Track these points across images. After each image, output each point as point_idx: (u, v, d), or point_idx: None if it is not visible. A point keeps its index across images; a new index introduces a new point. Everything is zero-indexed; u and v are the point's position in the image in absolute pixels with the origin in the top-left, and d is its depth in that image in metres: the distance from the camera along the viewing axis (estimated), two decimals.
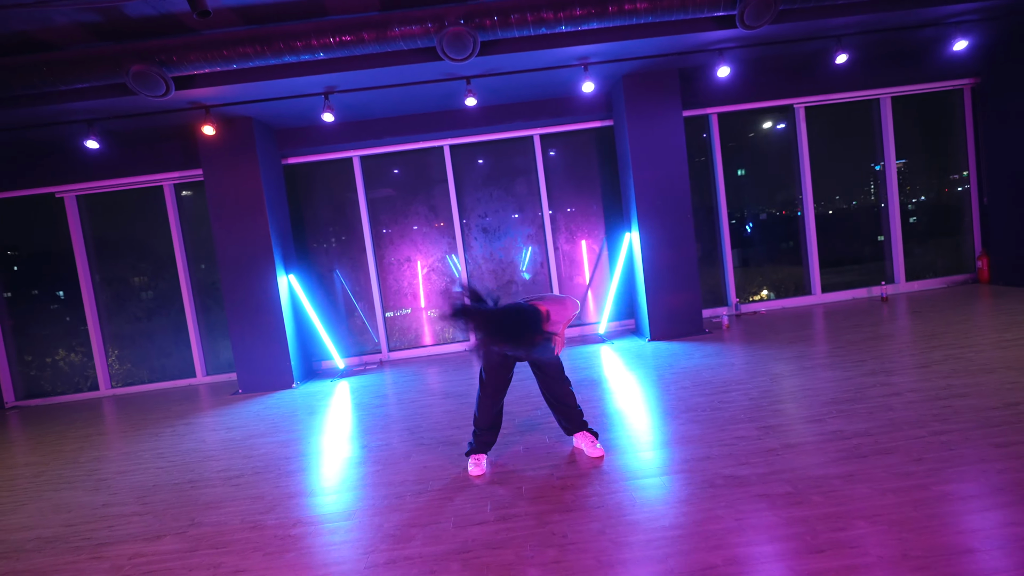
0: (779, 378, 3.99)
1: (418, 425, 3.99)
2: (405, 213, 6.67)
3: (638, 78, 5.60)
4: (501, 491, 2.74)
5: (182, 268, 6.46)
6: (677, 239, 5.75)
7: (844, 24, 4.96)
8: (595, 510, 2.44)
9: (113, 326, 6.60)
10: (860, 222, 7.02)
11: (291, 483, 3.21)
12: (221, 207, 5.56)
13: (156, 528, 2.82)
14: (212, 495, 3.17)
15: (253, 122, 5.49)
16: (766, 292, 6.91)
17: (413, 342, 6.77)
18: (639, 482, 2.66)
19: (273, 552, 2.43)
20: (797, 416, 3.23)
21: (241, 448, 3.96)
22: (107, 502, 3.26)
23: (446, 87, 5.22)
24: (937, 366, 3.81)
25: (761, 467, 2.64)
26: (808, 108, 6.62)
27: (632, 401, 3.96)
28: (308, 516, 2.75)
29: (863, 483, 2.37)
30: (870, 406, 3.23)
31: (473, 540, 2.31)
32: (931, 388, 3.40)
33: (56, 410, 6.07)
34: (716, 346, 5.23)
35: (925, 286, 6.83)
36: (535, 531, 2.32)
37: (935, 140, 6.93)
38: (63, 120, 4.90)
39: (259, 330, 5.65)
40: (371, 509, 2.73)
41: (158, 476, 3.59)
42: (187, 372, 6.62)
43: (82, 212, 6.41)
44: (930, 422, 2.91)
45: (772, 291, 6.91)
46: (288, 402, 5.17)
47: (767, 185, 6.92)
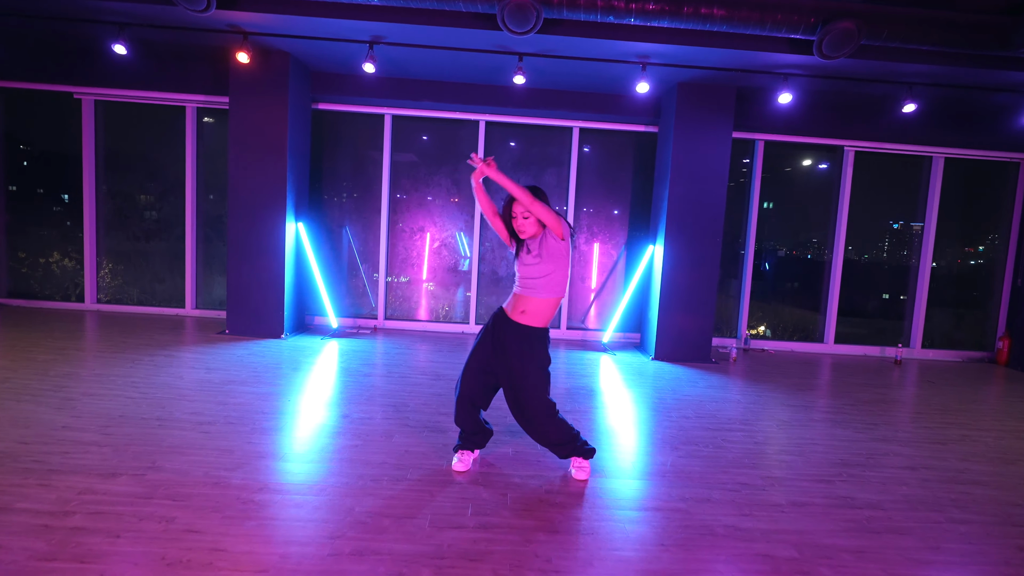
0: (786, 426, 3.81)
1: (405, 403, 3.81)
2: (427, 182, 6.43)
3: (694, 88, 5.35)
4: (485, 495, 2.55)
5: (190, 195, 6.23)
6: (701, 260, 5.53)
7: (919, 72, 4.71)
8: (583, 536, 2.26)
9: (110, 240, 6.39)
10: (885, 277, 6.82)
11: (264, 441, 3.02)
12: (242, 140, 5.32)
13: (113, 464, 2.64)
14: (179, 439, 2.98)
15: (290, 58, 5.24)
16: (763, 328, 6.71)
17: (411, 314, 6.58)
18: (632, 514, 2.47)
19: (233, 516, 2.25)
20: (804, 472, 3.04)
21: (218, 393, 3.77)
22: (68, 424, 3.07)
23: (496, 60, 4.97)
24: (954, 444, 3.62)
25: (765, 522, 2.46)
26: (858, 152, 6.37)
27: (628, 421, 3.78)
28: (276, 482, 2.56)
29: (875, 562, 2.18)
30: (882, 476, 3.05)
31: (449, 546, 2.13)
32: (947, 468, 3.22)
33: (38, 314, 5.88)
34: (721, 378, 5.04)
35: (939, 356, 6.64)
36: (517, 548, 2.14)
37: (978, 208, 6.70)
38: (95, 19, 4.63)
39: (258, 273, 5.44)
40: (344, 487, 2.55)
41: (126, 406, 3.40)
42: (177, 301, 6.42)
43: (98, 118, 6.17)
44: (948, 507, 2.72)
45: (783, 331, 6.71)
46: (274, 352, 4.98)
47: (796, 223, 6.70)
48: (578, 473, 2.79)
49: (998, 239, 6.71)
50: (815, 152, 6.53)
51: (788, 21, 4.02)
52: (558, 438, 2.68)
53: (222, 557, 1.98)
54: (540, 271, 2.57)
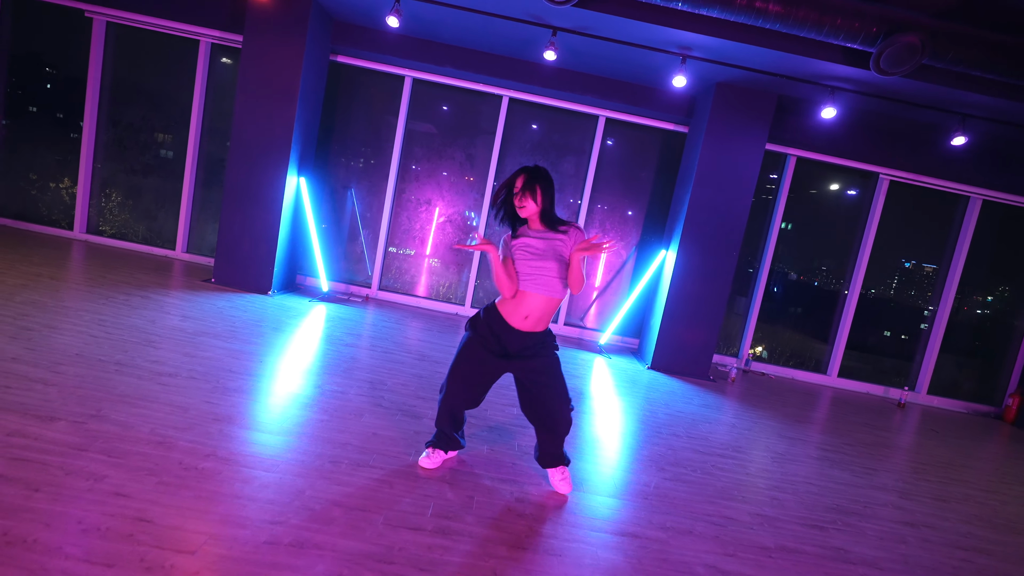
0: (782, 460, 3.58)
1: (383, 381, 3.59)
2: (440, 154, 6.15)
3: (733, 90, 5.04)
4: (450, 495, 2.33)
5: (194, 134, 5.97)
6: (714, 273, 5.27)
7: (976, 103, 4.40)
8: (550, 557, 2.04)
9: (106, 171, 6.15)
10: (896, 315, 6.54)
11: (223, 403, 2.80)
12: (251, 81, 5.05)
13: (55, 407, 2.42)
14: (133, 387, 2.77)
15: (312, 3, 4.94)
16: (761, 349, 6.46)
17: (406, 288, 6.34)
18: (606, 537, 2.25)
19: (169, 483, 2.03)
20: (797, 514, 2.82)
21: (187, 344, 3.55)
22: (18, 356, 2.86)
23: (528, 31, 4.66)
24: (957, 504, 3.39)
25: (751, 566, 2.23)
26: (893, 182, 6.07)
27: (615, 432, 3.55)
28: (225, 450, 2.34)
29: None
30: (880, 530, 2.82)
31: (400, 549, 1.91)
32: (950, 530, 2.99)
33: (21, 236, 5.66)
34: (717, 398, 4.81)
35: (944, 404, 6.38)
36: (474, 562, 1.92)
37: (1005, 256, 6.39)
38: None
39: (252, 224, 5.20)
40: (298, 466, 2.33)
41: (86, 345, 3.19)
42: (167, 242, 6.19)
43: (108, 40, 5.89)
44: (948, 573, 2.49)
45: (780, 356, 6.47)
46: (257, 308, 4.76)
47: (814, 247, 6.41)
48: (562, 486, 2.56)
49: (1021, 291, 6.42)
50: (847, 176, 6.22)
51: (848, 27, 3.71)
52: (567, 429, 2.49)
53: (145, 529, 1.77)
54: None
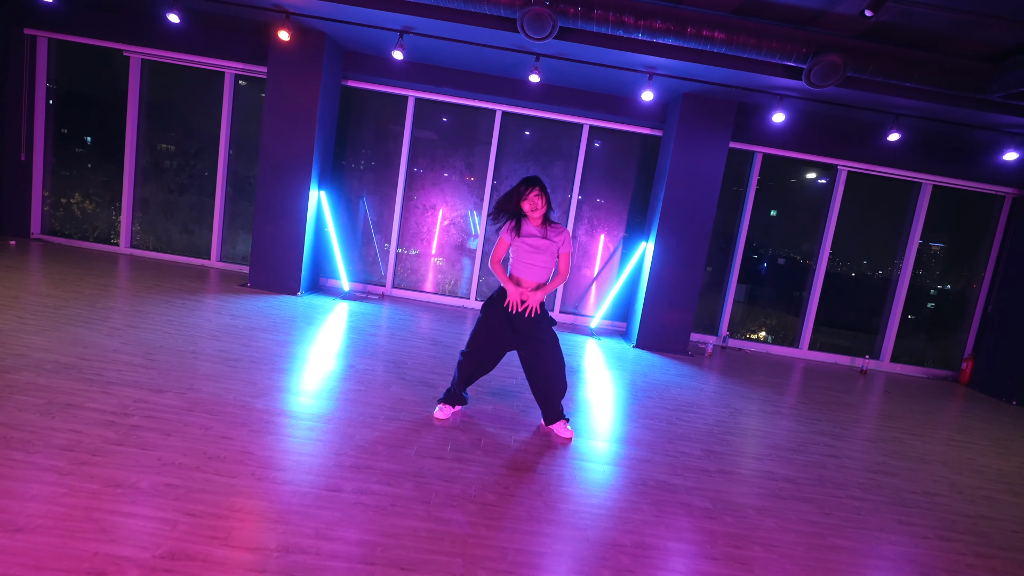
0: (738, 413, 4.29)
1: (403, 361, 4.33)
2: (442, 163, 6.88)
3: (697, 99, 5.74)
4: (463, 437, 3.07)
5: (223, 154, 6.72)
6: (688, 260, 5.98)
7: (905, 105, 5.08)
8: (538, 475, 2.77)
9: (146, 190, 6.91)
10: (866, 291, 7.23)
11: (282, 378, 3.55)
12: (276, 109, 5.79)
13: (159, 383, 3.18)
14: (211, 370, 3.52)
15: (326, 38, 5.67)
16: (764, 334, 7.17)
17: (417, 285, 7.08)
18: (584, 463, 2.98)
19: (258, 431, 2.78)
20: (739, 449, 3.54)
21: (241, 336, 4.30)
22: (118, 348, 3.61)
23: (514, 57, 5.38)
24: (883, 443, 4.10)
25: (692, 481, 2.96)
26: (850, 172, 6.74)
27: (600, 396, 4.28)
28: (291, 410, 3.09)
29: (772, 518, 2.68)
30: (807, 459, 3.54)
31: (429, 469, 2.65)
32: (867, 460, 3.70)
33: (76, 253, 6.44)
34: (693, 369, 5.52)
35: (906, 371, 7.08)
36: (483, 477, 2.65)
37: (962, 235, 7.07)
38: None
39: (281, 233, 5.95)
40: (347, 420, 3.07)
41: (165, 339, 3.94)
42: (203, 253, 6.96)
43: (143, 75, 6.64)
44: (852, 487, 3.21)
45: (766, 334, 7.17)
46: (290, 307, 5.51)
47: (790, 232, 7.10)
48: (565, 432, 3.30)
49: (977, 266, 7.09)
50: (813, 168, 6.90)
51: (782, 49, 4.41)
52: (563, 391, 3.25)
53: (250, 457, 2.51)
54: None
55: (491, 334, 3.16)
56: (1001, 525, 3.00)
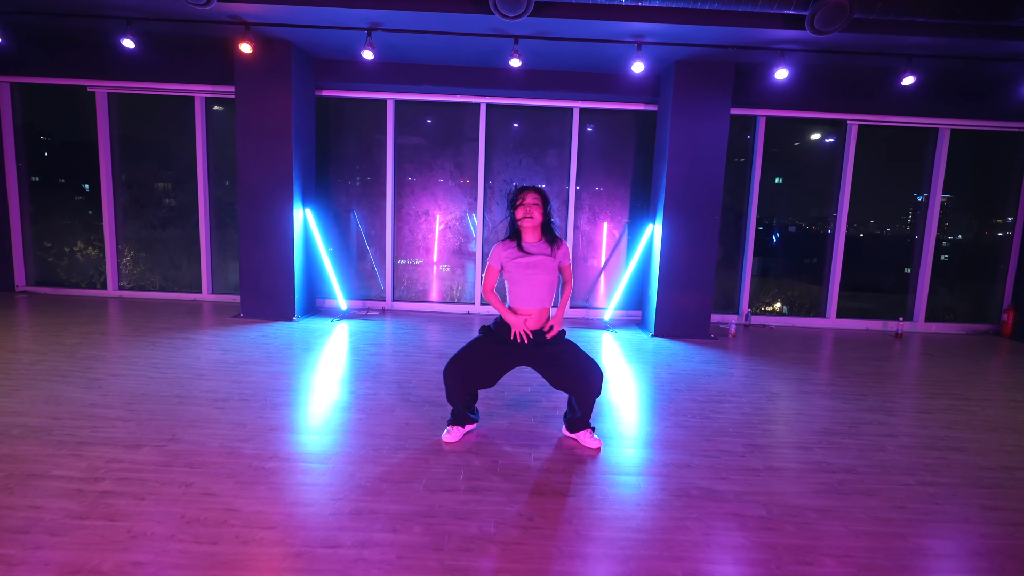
0: (775, 398, 3.93)
1: (408, 380, 4.01)
2: (431, 166, 6.56)
3: (691, 66, 5.37)
4: (476, 462, 2.74)
5: (202, 183, 6.44)
6: (699, 239, 5.61)
7: (917, 44, 4.68)
8: (566, 498, 2.43)
9: (129, 229, 6.65)
10: (890, 251, 6.82)
11: (275, 416, 3.24)
12: (248, 128, 5.50)
13: (137, 436, 2.87)
14: (196, 414, 3.21)
15: (292, 47, 5.36)
16: (780, 305, 6.78)
17: (419, 296, 6.77)
18: (615, 478, 2.64)
19: (245, 482, 2.46)
20: (785, 440, 3.18)
21: (232, 372, 4.00)
22: (95, 402, 3.32)
23: (492, 43, 5.04)
24: (940, 414, 3.72)
25: (740, 485, 2.61)
26: (861, 126, 6.34)
27: (623, 394, 3.93)
28: (285, 452, 2.78)
29: (838, 520, 2.33)
30: (862, 443, 3.17)
31: (440, 506, 2.32)
32: (928, 436, 3.33)
33: (63, 301, 6.18)
34: (718, 353, 5.16)
35: (943, 329, 6.66)
36: (502, 508, 2.32)
37: (986, 180, 6.64)
38: (103, 14, 4.80)
39: (269, 258, 5.66)
40: (347, 456, 2.76)
41: (148, 385, 3.65)
42: (194, 287, 6.69)
43: (112, 110, 6.38)
44: (920, 471, 2.85)
45: (786, 306, 6.79)
46: (286, 334, 5.21)
47: (802, 198, 6.71)
48: (592, 442, 2.97)
49: (1006, 211, 6.65)
50: (820, 127, 6.50)
51: None
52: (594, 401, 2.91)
53: (235, 516, 2.19)
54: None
55: (483, 356, 2.86)
56: None
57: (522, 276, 2.77)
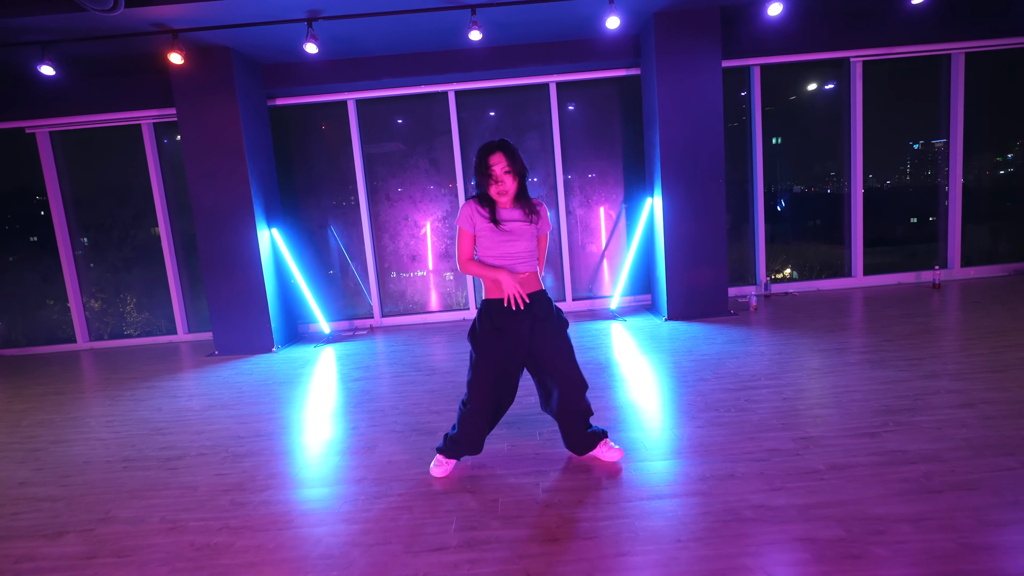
0: (817, 374, 3.38)
1: (393, 406, 3.49)
2: (404, 166, 6.05)
3: (672, 16, 4.82)
4: (472, 504, 2.22)
5: (162, 216, 5.95)
6: (705, 208, 5.06)
7: None
8: (585, 543, 1.91)
9: (92, 275, 6.18)
10: (913, 198, 6.23)
11: (233, 471, 2.73)
12: (196, 149, 5.01)
13: (63, 521, 2.37)
14: (142, 480, 2.71)
15: (232, 53, 4.87)
16: (790, 271, 6.21)
17: (409, 308, 6.26)
18: (643, 504, 2.11)
19: (181, 569, 1.95)
20: (843, 426, 2.63)
21: (195, 422, 3.50)
22: (27, 480, 2.83)
23: (448, 18, 4.52)
24: (1015, 371, 3.16)
25: (802, 495, 2.07)
26: (866, 63, 5.76)
27: (642, 392, 3.40)
28: (236, 519, 2.26)
29: (941, 531, 1.79)
30: (935, 419, 2.62)
31: (425, 575, 1.80)
32: (1012, 400, 2.77)
33: (29, 361, 5.72)
34: (742, 330, 4.61)
35: (983, 273, 6.07)
36: (505, 567, 1.80)
37: (1010, 107, 6.04)
38: (14, 41, 4.33)
39: (237, 288, 5.16)
40: (314, 515, 2.24)
41: (94, 450, 3.15)
42: (168, 328, 6.21)
43: (56, 151, 5.91)
44: (1020, 448, 2.29)
45: (810, 271, 6.21)
46: (264, 368, 4.71)
47: (808, 154, 6.13)
48: (610, 455, 2.47)
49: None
50: (820, 70, 5.92)
51: None
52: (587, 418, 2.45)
53: None
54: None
55: (496, 357, 2.30)
56: None
57: (500, 246, 2.27)
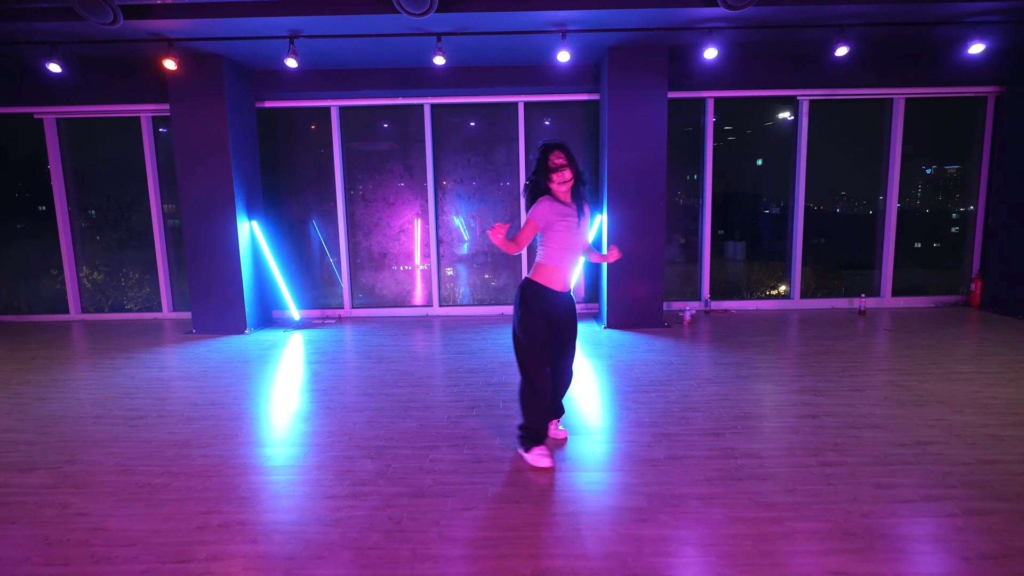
0: (706, 383, 3.85)
1: (335, 387, 3.97)
2: (380, 171, 6.53)
3: (624, 51, 5.29)
4: (370, 466, 2.70)
5: (154, 202, 6.46)
6: (646, 227, 5.53)
7: (845, 13, 4.57)
8: (448, 499, 2.38)
9: (87, 252, 6.69)
10: (858, 228, 6.68)
11: (183, 431, 3.22)
12: (186, 145, 5.50)
13: (37, 460, 2.87)
14: (107, 433, 3.20)
15: (223, 60, 5.36)
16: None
17: (379, 301, 6.74)
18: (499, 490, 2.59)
19: (124, 500, 2.44)
20: (700, 427, 3.11)
21: (162, 390, 4.00)
22: (9, 427, 3.33)
23: (417, 43, 4.99)
24: (872, 391, 3.62)
25: (632, 476, 2.55)
26: (813, 101, 6.22)
27: None
28: (177, 467, 2.75)
29: (720, 508, 2.26)
30: (777, 426, 3.09)
31: (315, 519, 2.28)
32: (851, 415, 3.23)
33: (23, 328, 6.23)
34: (667, 341, 5.08)
35: (911, 303, 6.52)
36: (375, 512, 2.28)
37: (948, 150, 6.50)
38: (27, 40, 4.82)
39: (215, 273, 5.66)
40: (238, 469, 2.73)
41: (70, 407, 3.65)
42: (155, 306, 6.71)
43: (61, 136, 6.41)
44: (828, 451, 2.76)
45: (760, 289, 6.67)
46: (234, 347, 5.20)
47: (773, 178, 6.57)
48: (555, 432, 2.99)
49: (969, 179, 6.49)
50: (773, 105, 6.38)
51: None
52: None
53: (99, 535, 2.17)
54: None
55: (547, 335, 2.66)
56: (1003, 468, 2.54)
57: (569, 239, 2.63)
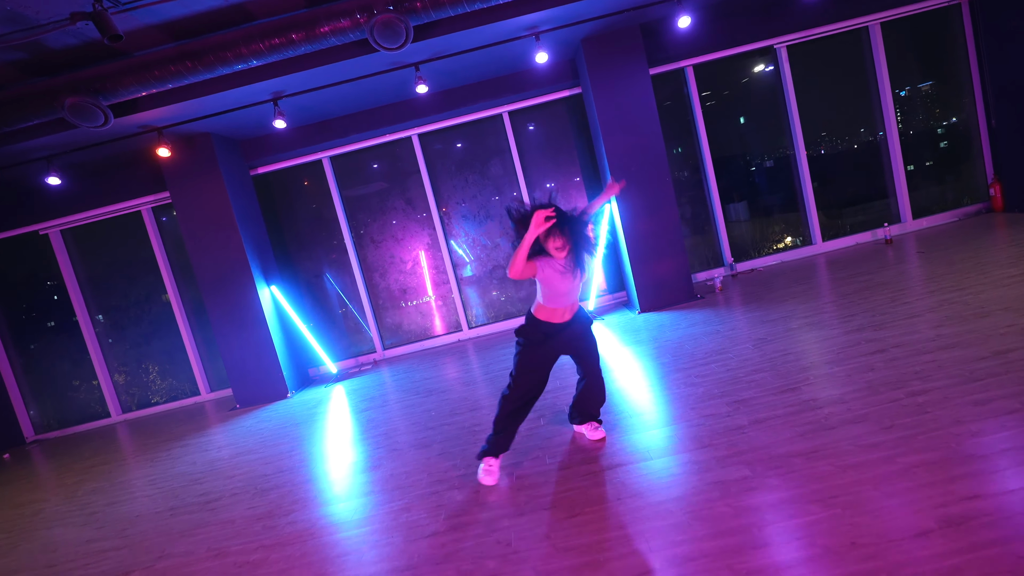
0: (761, 343, 3.80)
1: (395, 428, 3.95)
2: (383, 209, 6.56)
3: (597, 40, 5.31)
4: (458, 497, 2.67)
5: (171, 289, 6.51)
6: (657, 204, 5.51)
7: None
8: (543, 512, 2.35)
9: (115, 353, 6.74)
10: (861, 161, 6.63)
11: (262, 502, 3.20)
12: (192, 225, 5.55)
13: (128, 563, 2.85)
14: (188, 522, 3.19)
15: (212, 137, 5.42)
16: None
17: (407, 337, 6.74)
18: (593, 474, 2.55)
19: None
20: (771, 386, 3.06)
21: (226, 468, 3.98)
22: (92, 537, 3.32)
23: (396, 76, 5.04)
24: (930, 314, 3.56)
25: (723, 449, 2.50)
26: (791, 47, 6.21)
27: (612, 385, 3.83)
28: (268, 540, 2.73)
29: (825, 460, 2.21)
30: (849, 368, 3.04)
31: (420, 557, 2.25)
32: (920, 340, 3.18)
33: (71, 440, 6.25)
34: (706, 312, 5.03)
35: (934, 222, 6.44)
36: (480, 541, 2.24)
37: (935, 64, 6.46)
38: (23, 160, 4.90)
39: (247, 343, 5.67)
40: (330, 529, 2.70)
41: (144, 505, 3.64)
42: (192, 391, 6.73)
43: (69, 246, 6.49)
44: (911, 380, 2.71)
45: (775, 243, 6.62)
46: (281, 414, 5.19)
47: (761, 133, 6.56)
48: (593, 433, 2.94)
49: (963, 89, 6.44)
50: (754, 59, 6.37)
51: None
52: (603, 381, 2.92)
53: None
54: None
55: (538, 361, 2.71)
56: None
57: (565, 283, 2.63)
